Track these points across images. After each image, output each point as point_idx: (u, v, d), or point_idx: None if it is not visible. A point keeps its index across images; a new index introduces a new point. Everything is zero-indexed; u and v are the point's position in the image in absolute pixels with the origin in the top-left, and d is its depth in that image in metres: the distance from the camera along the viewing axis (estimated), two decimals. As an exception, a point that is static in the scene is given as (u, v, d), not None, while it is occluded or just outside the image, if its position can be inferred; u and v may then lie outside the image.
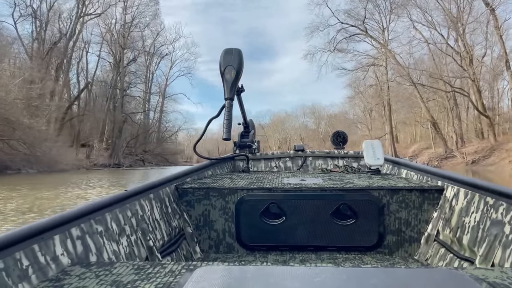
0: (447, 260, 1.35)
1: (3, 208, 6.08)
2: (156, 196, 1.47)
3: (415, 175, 1.92)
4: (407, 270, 0.83)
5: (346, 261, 1.50)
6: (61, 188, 9.99)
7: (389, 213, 1.61)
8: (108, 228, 1.08)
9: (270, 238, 1.63)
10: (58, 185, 10.84)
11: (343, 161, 2.80)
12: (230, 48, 1.91)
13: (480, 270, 0.79)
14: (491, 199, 1.21)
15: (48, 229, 0.85)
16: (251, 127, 2.76)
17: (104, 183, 12.09)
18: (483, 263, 1.12)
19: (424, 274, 0.77)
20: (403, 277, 0.74)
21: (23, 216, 5.33)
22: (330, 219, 1.61)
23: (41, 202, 7.01)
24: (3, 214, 5.46)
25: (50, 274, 0.80)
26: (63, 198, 7.57)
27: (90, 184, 11.88)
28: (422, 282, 0.71)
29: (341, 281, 0.71)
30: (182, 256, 1.50)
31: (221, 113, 1.93)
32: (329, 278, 0.71)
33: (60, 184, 11.51)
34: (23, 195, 8.26)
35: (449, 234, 1.41)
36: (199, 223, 1.68)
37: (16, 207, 6.32)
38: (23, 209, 6.00)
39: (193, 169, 2.01)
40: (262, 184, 1.73)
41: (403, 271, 0.81)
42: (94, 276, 0.78)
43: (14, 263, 0.73)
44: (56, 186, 10.67)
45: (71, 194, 8.53)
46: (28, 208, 6.12)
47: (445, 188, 1.56)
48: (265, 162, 2.85)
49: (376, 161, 2.14)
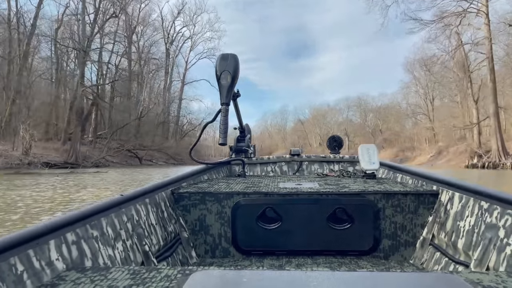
0: (442, 264, 1.36)
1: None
2: (151, 200, 1.46)
3: (410, 179, 1.93)
4: (403, 274, 0.84)
5: (342, 265, 1.50)
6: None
7: (384, 217, 1.61)
8: (104, 233, 1.07)
9: (266, 243, 1.63)
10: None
11: (338, 165, 2.81)
12: (226, 53, 1.93)
13: (475, 274, 0.80)
14: (485, 203, 1.22)
15: (43, 234, 0.84)
16: (247, 131, 2.78)
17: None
18: (478, 267, 1.12)
19: (419, 278, 0.78)
20: (398, 281, 0.75)
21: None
22: (326, 224, 1.61)
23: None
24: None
25: (45, 279, 0.79)
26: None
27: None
28: (418, 286, 0.72)
29: (337, 286, 0.71)
30: (178, 260, 1.50)
31: (216, 118, 1.95)
32: (325, 283, 0.71)
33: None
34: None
35: (444, 238, 1.41)
36: (195, 227, 1.68)
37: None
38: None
39: (189, 174, 2.01)
40: (258, 189, 1.72)
41: (398, 275, 0.81)
42: (89, 281, 0.77)
43: (8, 269, 0.72)
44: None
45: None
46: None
47: (440, 192, 1.57)
48: (261, 167, 2.86)
49: (372, 165, 2.16)
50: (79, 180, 12.28)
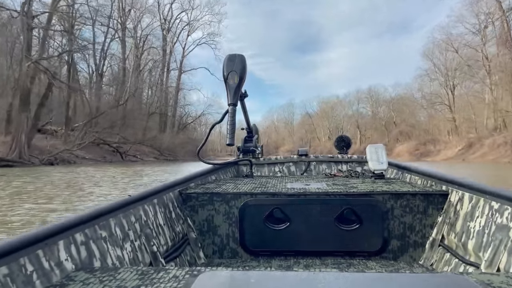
0: (452, 265, 1.35)
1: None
2: (159, 201, 1.46)
3: (419, 180, 1.92)
4: (412, 275, 0.82)
5: (350, 266, 1.49)
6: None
7: (393, 217, 1.60)
8: (112, 233, 1.08)
9: (274, 243, 1.63)
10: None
11: (346, 165, 2.80)
12: (233, 54, 1.94)
13: (485, 275, 0.79)
14: (496, 204, 1.20)
15: (52, 235, 0.85)
16: (255, 132, 2.78)
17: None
18: (489, 268, 1.10)
19: (429, 279, 0.77)
20: (408, 282, 0.74)
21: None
22: (334, 224, 1.61)
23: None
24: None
25: (54, 279, 0.80)
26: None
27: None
28: (427, 287, 0.71)
29: (346, 287, 0.71)
30: (186, 261, 1.51)
31: (224, 118, 1.97)
32: (333, 284, 0.71)
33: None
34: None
35: (454, 239, 1.40)
36: (203, 228, 1.68)
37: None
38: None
39: (196, 174, 2.00)
40: (266, 189, 1.72)
41: (408, 276, 0.80)
42: (98, 282, 0.78)
43: (18, 269, 0.73)
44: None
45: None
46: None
47: (450, 193, 1.55)
48: (269, 167, 2.86)
49: (380, 165, 2.12)
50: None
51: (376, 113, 57.58)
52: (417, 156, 41.35)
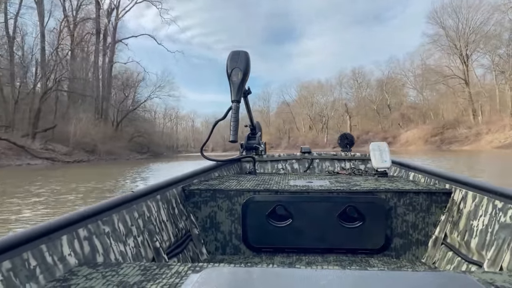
0: (454, 263, 1.34)
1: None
2: (162, 197, 1.47)
3: (423, 178, 1.92)
4: (414, 273, 0.82)
5: (353, 263, 1.49)
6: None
7: (396, 215, 1.60)
8: (115, 229, 1.08)
9: (277, 240, 1.63)
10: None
11: (350, 163, 2.80)
12: (237, 50, 1.94)
13: (488, 274, 0.79)
14: (499, 202, 1.20)
15: (55, 230, 0.86)
16: (258, 129, 2.80)
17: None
18: (491, 267, 1.11)
19: (431, 278, 0.77)
20: (410, 280, 0.74)
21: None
22: (337, 222, 1.61)
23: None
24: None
25: (57, 274, 0.81)
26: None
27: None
28: (430, 286, 0.71)
29: (348, 284, 0.71)
30: (189, 257, 1.51)
31: (227, 115, 1.94)
32: (336, 281, 0.71)
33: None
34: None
35: (457, 237, 1.40)
36: (206, 224, 1.69)
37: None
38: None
39: (199, 171, 2.01)
40: (269, 186, 1.72)
41: (410, 274, 0.80)
42: (101, 277, 0.79)
43: (21, 263, 0.74)
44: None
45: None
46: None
47: (453, 191, 1.55)
48: (272, 164, 2.87)
49: (383, 163, 2.12)
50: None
51: (364, 96, 51.18)
52: (437, 144, 34.14)
